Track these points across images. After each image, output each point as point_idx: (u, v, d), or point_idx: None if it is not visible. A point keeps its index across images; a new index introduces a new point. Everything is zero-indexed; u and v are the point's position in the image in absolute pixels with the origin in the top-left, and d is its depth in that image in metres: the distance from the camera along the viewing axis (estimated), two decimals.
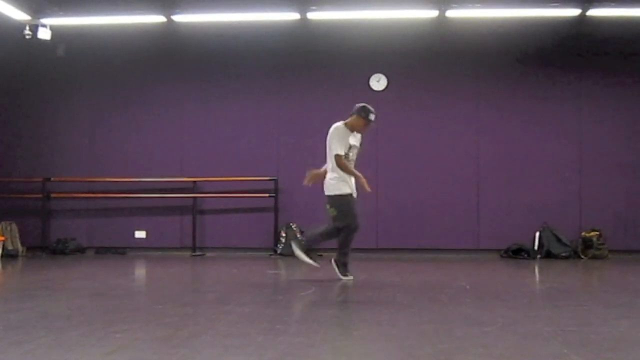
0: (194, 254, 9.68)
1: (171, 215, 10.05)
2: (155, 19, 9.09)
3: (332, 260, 6.34)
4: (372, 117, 6.28)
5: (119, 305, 4.92)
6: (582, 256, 9.14)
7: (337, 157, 6.19)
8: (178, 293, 5.86)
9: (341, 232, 6.21)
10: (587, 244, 9.18)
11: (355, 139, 6.35)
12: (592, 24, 9.00)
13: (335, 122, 6.34)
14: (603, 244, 9.16)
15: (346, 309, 5.01)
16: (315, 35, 9.64)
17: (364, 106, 6.30)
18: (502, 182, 9.61)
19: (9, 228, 9.56)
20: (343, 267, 6.31)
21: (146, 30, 9.54)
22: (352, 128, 6.30)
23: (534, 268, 8.25)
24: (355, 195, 6.30)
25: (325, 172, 6.36)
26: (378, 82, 9.80)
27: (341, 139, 6.21)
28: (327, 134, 6.31)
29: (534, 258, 9.16)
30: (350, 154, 6.31)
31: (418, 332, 3.89)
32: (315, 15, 8.93)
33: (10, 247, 9.45)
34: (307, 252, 6.42)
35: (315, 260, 6.41)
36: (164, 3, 8.84)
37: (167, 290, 6.02)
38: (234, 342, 3.58)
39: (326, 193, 6.27)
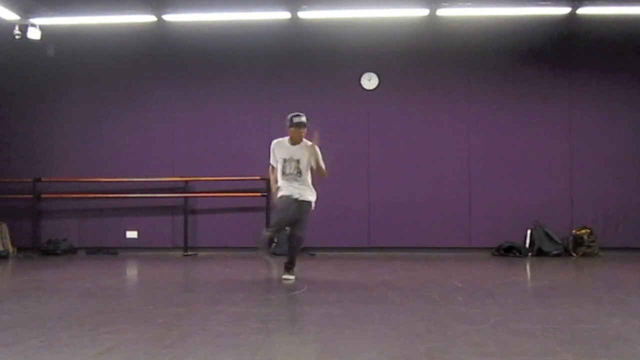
0: (185, 253, 9.65)
1: (163, 215, 10.02)
2: (146, 18, 9.07)
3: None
4: (294, 119, 6.30)
5: (110, 306, 4.91)
6: (573, 254, 9.18)
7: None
8: (170, 293, 5.85)
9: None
10: (578, 241, 9.22)
11: (290, 152, 6.36)
12: (582, 22, 9.05)
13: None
14: (594, 241, 9.20)
15: (338, 308, 5.01)
16: (306, 34, 9.63)
17: (288, 117, 6.37)
18: (494, 180, 9.64)
19: None
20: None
21: (137, 30, 9.51)
22: (290, 140, 6.39)
23: (526, 266, 8.28)
24: (292, 196, 6.23)
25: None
26: (369, 81, 9.80)
27: (272, 151, 6.50)
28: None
29: (526, 256, 9.19)
30: (287, 167, 6.34)
31: (410, 330, 3.90)
32: (307, 14, 8.93)
33: (0, 248, 9.40)
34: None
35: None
36: (155, 2, 8.81)
37: (159, 291, 6.00)
38: (226, 342, 3.58)
39: None
